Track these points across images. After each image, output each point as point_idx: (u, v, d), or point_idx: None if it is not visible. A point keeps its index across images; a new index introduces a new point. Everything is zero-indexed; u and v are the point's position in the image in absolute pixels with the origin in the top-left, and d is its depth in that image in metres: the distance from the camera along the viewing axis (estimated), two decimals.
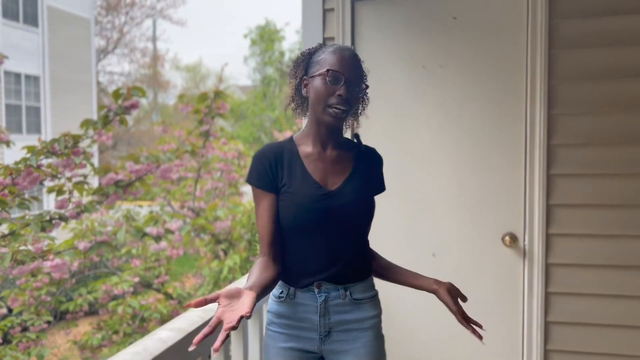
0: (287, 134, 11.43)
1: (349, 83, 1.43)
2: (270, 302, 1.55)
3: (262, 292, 1.35)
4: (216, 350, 1.07)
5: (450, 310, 1.51)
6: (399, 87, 2.69)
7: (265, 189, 1.47)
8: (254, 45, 19.36)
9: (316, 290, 1.48)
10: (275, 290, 1.53)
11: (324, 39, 2.74)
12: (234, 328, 1.11)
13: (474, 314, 2.64)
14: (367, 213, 1.53)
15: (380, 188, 1.62)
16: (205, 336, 1.09)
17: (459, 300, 1.57)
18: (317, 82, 1.43)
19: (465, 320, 1.53)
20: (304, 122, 1.62)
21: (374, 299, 1.57)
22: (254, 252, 4.98)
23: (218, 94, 4.27)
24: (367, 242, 1.60)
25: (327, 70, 1.42)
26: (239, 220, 4.99)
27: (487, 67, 2.58)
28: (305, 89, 1.49)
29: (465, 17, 2.60)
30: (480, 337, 1.48)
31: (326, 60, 1.45)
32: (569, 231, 2.50)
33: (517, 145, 2.56)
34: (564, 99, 2.48)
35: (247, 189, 6.74)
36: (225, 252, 5.14)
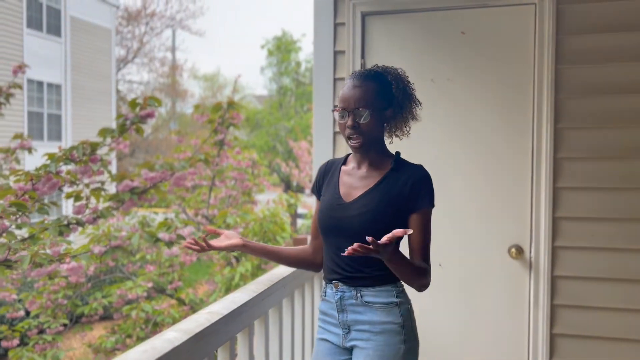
0: (302, 143, 11.50)
1: (354, 113, 1.60)
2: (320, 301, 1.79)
3: (263, 251, 1.75)
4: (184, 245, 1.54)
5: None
6: None
7: (315, 194, 1.81)
8: (270, 55, 19.54)
9: (334, 289, 1.67)
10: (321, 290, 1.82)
11: (335, 52, 2.81)
12: (199, 246, 1.59)
13: (480, 325, 2.67)
14: (375, 226, 1.59)
15: (415, 204, 1.62)
16: (189, 244, 1.60)
17: None
18: (336, 118, 1.67)
19: None
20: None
21: (390, 306, 1.62)
22: (265, 260, 5.04)
23: (231, 104, 4.36)
24: None
25: (333, 110, 1.68)
26: (251, 229, 5.07)
27: (495, 82, 2.62)
28: None
29: (473, 32, 2.65)
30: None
31: (339, 96, 1.66)
32: (575, 244, 2.52)
33: (523, 158, 2.59)
34: (570, 113, 2.51)
35: (261, 198, 6.82)
36: (238, 259, 5.21)
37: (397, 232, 1.38)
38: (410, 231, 1.40)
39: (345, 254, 1.37)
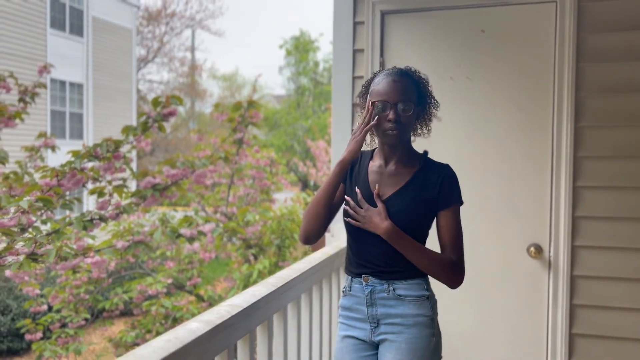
0: (320, 143, 11.53)
1: (396, 106, 1.62)
2: (341, 297, 1.78)
3: (337, 186, 1.71)
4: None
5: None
6: None
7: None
8: (289, 55, 19.63)
9: (364, 283, 1.68)
10: (342, 286, 1.80)
11: (354, 51, 2.83)
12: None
13: (499, 324, 2.66)
14: (407, 225, 1.62)
15: (445, 202, 1.66)
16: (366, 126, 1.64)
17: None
18: (373, 112, 1.65)
19: None
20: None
21: (421, 299, 1.66)
22: (283, 257, 5.08)
23: (251, 103, 4.41)
24: None
25: (373, 103, 1.64)
26: (269, 226, 5.11)
27: (515, 80, 2.62)
28: None
29: (493, 30, 2.65)
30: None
31: (374, 91, 1.67)
32: (595, 243, 2.50)
33: (543, 157, 2.58)
34: (591, 112, 2.50)
35: (279, 196, 6.86)
36: (256, 257, 5.26)
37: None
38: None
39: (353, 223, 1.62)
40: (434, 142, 2.78)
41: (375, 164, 1.74)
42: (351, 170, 1.78)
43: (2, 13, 11.57)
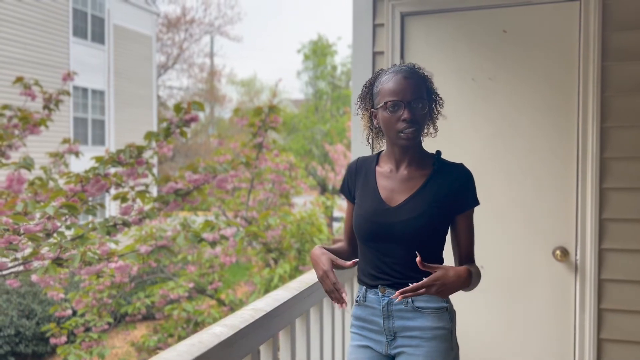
0: (338, 146, 11.52)
1: (410, 105, 1.53)
2: (354, 306, 1.71)
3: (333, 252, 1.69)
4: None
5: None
6: (448, 99, 2.71)
7: (345, 195, 1.75)
8: (306, 59, 19.66)
9: (380, 294, 1.60)
10: (356, 295, 1.73)
11: (374, 53, 2.82)
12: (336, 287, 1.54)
13: (524, 328, 2.62)
14: (426, 230, 1.55)
15: (463, 206, 1.60)
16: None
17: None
18: (383, 114, 1.56)
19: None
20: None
21: (441, 310, 1.58)
22: (303, 261, 5.08)
23: (272, 108, 4.43)
24: (434, 255, 1.62)
25: (385, 103, 1.55)
26: (289, 230, 5.11)
27: (538, 80, 2.58)
28: (375, 120, 1.63)
29: (515, 30, 2.62)
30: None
31: (383, 90, 1.57)
32: (623, 246, 2.44)
33: (568, 158, 2.54)
34: (617, 112, 2.44)
35: (298, 200, 6.88)
36: (276, 261, 5.27)
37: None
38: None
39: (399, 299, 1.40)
40: (456, 144, 2.75)
41: (383, 169, 1.65)
42: (352, 185, 1.70)
43: (26, 22, 11.83)
